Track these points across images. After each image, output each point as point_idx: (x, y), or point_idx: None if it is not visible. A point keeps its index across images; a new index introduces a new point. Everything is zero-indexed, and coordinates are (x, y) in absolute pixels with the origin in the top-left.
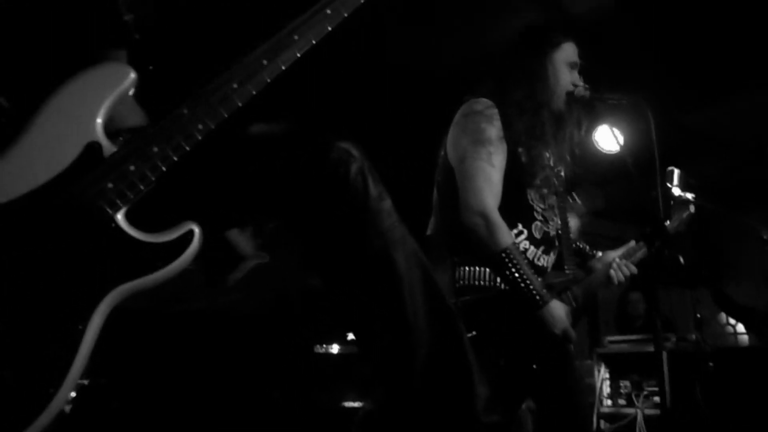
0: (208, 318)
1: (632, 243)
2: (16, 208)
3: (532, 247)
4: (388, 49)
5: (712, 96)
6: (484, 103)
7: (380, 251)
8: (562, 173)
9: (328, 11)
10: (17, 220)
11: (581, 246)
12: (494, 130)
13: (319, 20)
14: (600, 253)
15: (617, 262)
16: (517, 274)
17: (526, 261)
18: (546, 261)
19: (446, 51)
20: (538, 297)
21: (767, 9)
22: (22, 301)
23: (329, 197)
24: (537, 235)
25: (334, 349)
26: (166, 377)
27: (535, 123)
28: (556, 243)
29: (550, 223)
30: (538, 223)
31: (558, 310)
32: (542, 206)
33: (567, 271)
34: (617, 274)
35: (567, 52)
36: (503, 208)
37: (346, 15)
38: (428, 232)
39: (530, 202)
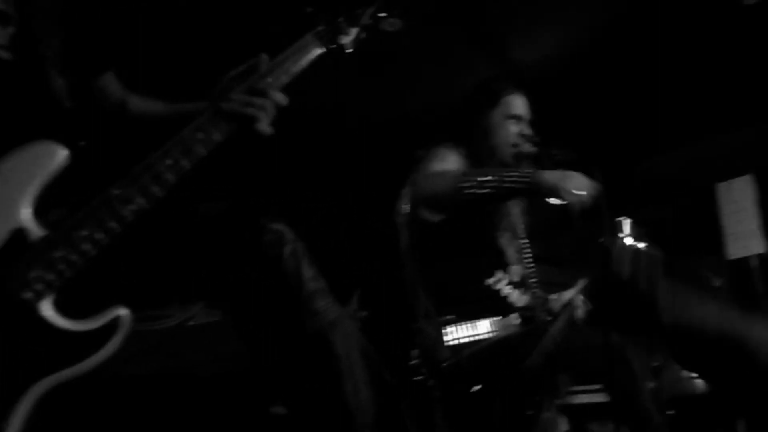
0: (160, 380)
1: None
2: None
3: (514, 291)
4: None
5: (661, 144)
6: (443, 146)
7: (316, 332)
8: (515, 216)
9: (269, 79)
10: None
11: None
12: (454, 158)
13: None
14: (554, 296)
15: (579, 299)
16: (489, 177)
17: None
18: (525, 301)
19: (396, 105)
20: (525, 177)
21: (713, 57)
22: None
23: (263, 279)
24: (516, 279)
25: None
26: None
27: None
28: (533, 284)
29: (522, 264)
30: (514, 266)
31: (547, 172)
32: (513, 249)
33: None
34: (581, 311)
35: (507, 107)
36: (477, 258)
37: (287, 81)
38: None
39: (501, 247)
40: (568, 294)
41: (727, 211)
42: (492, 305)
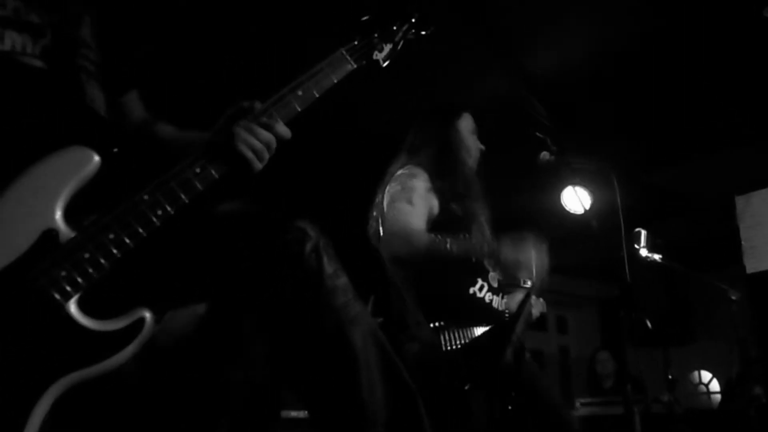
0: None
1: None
2: None
3: (495, 297)
4: (356, 113)
5: (679, 156)
6: (409, 168)
7: (334, 329)
8: (486, 223)
9: (300, 92)
10: None
11: None
12: (420, 182)
13: (287, 102)
14: (506, 297)
15: (533, 299)
16: (459, 250)
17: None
18: (503, 305)
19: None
20: (488, 253)
21: (727, 71)
22: None
23: (284, 276)
24: (494, 285)
25: (304, 414)
26: None
27: (456, 182)
28: (504, 289)
29: (496, 270)
30: (491, 273)
31: (505, 248)
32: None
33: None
34: (535, 311)
35: (468, 121)
36: (459, 268)
37: (317, 95)
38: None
39: None
40: (519, 294)
41: (745, 224)
42: (477, 311)
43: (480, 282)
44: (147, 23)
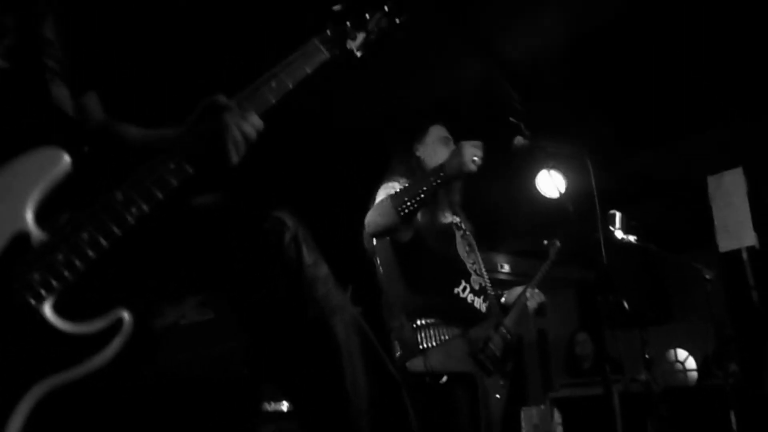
0: (151, 380)
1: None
2: None
3: (476, 298)
4: (333, 107)
5: (652, 138)
6: (389, 182)
7: (316, 319)
8: (469, 232)
9: (273, 84)
10: None
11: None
12: (399, 186)
13: (261, 94)
14: (506, 292)
15: (529, 291)
16: (414, 193)
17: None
18: (485, 307)
19: (393, 105)
20: (437, 178)
21: (701, 55)
22: None
23: (263, 267)
24: (476, 287)
25: (284, 406)
26: None
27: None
28: (489, 291)
29: (479, 274)
30: (474, 275)
31: (446, 161)
32: (470, 261)
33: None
34: (531, 303)
35: (434, 134)
36: (445, 270)
37: (291, 86)
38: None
39: (461, 258)
40: (519, 288)
41: (717, 203)
42: (461, 311)
43: (463, 283)
44: (110, 23)
